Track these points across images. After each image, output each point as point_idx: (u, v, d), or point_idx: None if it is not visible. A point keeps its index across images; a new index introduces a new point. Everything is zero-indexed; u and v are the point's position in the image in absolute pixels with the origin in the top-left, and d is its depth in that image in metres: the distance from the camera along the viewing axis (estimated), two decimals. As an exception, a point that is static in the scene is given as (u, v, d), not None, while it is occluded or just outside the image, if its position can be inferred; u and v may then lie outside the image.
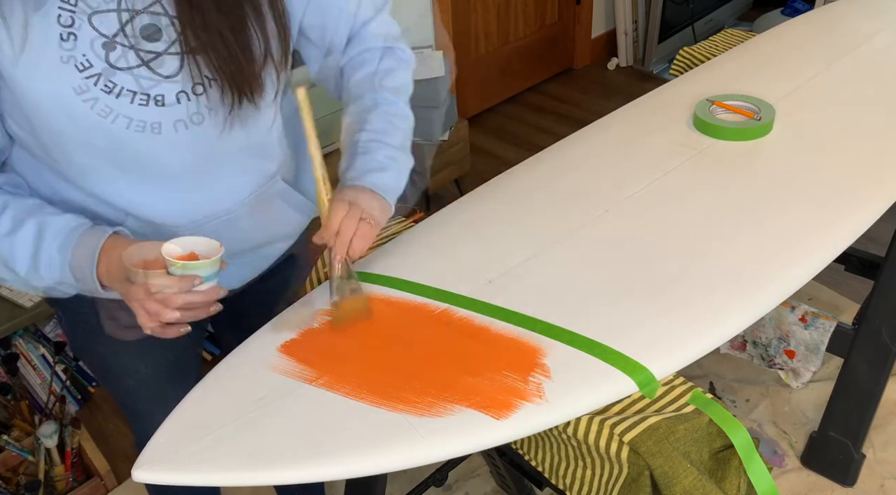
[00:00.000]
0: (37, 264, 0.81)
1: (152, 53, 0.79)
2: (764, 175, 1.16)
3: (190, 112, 0.83)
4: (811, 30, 1.66)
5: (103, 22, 0.77)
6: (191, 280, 0.76)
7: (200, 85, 0.82)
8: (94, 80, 0.77)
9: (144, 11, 0.78)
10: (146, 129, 0.81)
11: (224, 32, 0.79)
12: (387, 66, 1.01)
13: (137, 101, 0.80)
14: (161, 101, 0.81)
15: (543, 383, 0.81)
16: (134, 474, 0.75)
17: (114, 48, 0.77)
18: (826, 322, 1.56)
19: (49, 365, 1.92)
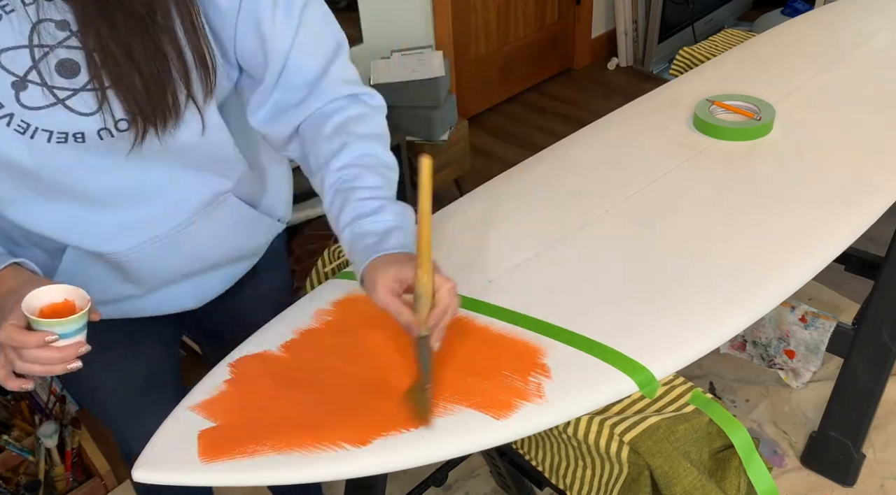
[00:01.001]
0: None
1: (68, 90, 0.75)
2: (764, 175, 1.16)
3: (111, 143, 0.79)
4: (811, 30, 1.66)
5: (13, 60, 0.72)
6: (42, 336, 0.71)
7: (123, 120, 0.78)
8: (6, 120, 0.74)
9: (59, 46, 0.73)
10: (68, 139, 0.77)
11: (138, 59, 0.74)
12: (356, 112, 0.90)
13: (55, 139, 0.76)
14: (81, 138, 0.77)
15: (543, 383, 0.81)
16: (134, 474, 0.75)
17: (24, 87, 0.73)
18: (826, 322, 1.56)
19: (49, 365, 1.92)
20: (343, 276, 1.05)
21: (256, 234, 1.03)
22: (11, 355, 0.73)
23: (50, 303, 0.73)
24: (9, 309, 0.73)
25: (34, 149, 0.76)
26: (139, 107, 0.76)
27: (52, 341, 0.72)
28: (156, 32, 0.74)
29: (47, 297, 0.73)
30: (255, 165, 0.98)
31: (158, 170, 0.85)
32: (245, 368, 0.88)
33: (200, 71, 0.79)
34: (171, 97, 0.77)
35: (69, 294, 0.74)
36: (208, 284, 1.03)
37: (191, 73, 0.78)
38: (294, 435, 0.77)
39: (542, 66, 3.46)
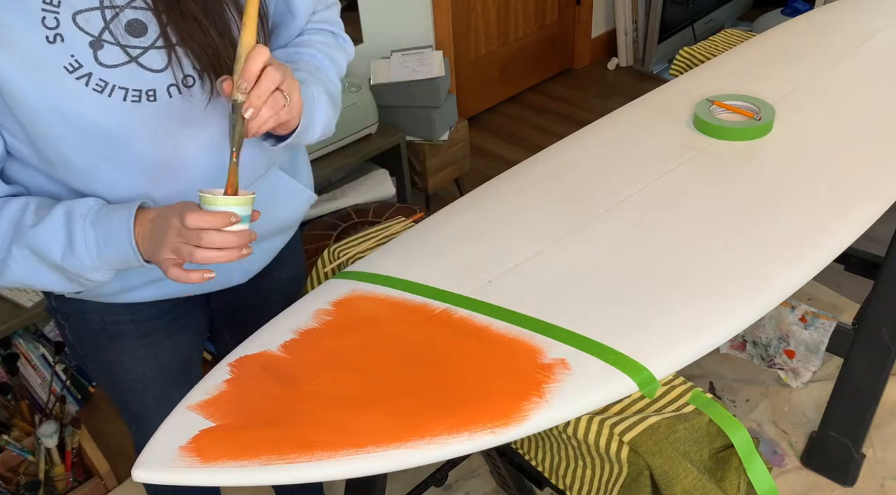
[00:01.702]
0: (73, 245, 0.81)
1: (139, 48, 0.79)
2: (764, 175, 1.16)
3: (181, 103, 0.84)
4: (811, 30, 1.66)
5: (88, 21, 0.76)
6: (227, 216, 0.76)
7: (190, 76, 0.83)
8: (84, 80, 0.78)
9: (127, 7, 0.78)
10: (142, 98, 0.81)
11: (201, 20, 0.79)
12: (328, 40, 1.02)
13: (130, 97, 0.80)
14: (153, 95, 0.81)
15: (543, 383, 0.81)
16: (134, 474, 0.75)
17: (101, 47, 0.77)
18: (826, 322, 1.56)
19: (49, 365, 1.92)
20: (343, 276, 1.05)
21: (295, 205, 1.07)
22: (188, 248, 0.76)
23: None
24: (171, 214, 0.77)
25: (111, 108, 0.80)
26: (207, 59, 0.81)
27: (236, 221, 0.76)
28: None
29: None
30: None
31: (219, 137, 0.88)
32: (245, 368, 0.88)
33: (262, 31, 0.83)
34: (234, 48, 0.80)
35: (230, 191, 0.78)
36: (255, 258, 1.05)
37: None
38: (294, 435, 0.77)
39: (542, 66, 3.46)
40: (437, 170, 2.52)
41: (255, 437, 0.77)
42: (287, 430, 0.78)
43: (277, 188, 1.01)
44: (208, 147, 0.89)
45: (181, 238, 0.76)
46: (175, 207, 0.79)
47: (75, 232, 0.81)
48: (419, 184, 2.55)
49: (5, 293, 1.76)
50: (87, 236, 0.81)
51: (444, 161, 2.52)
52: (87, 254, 0.81)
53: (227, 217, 0.76)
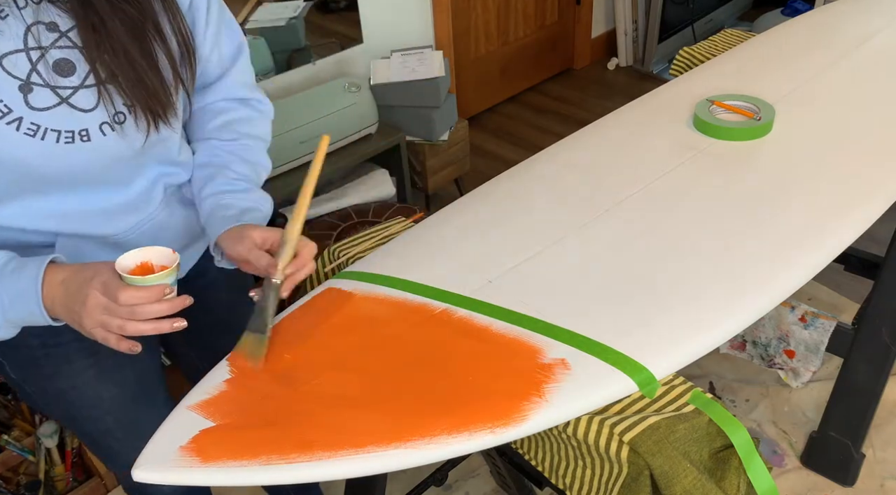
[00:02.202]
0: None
1: (69, 89, 0.78)
2: (764, 175, 1.16)
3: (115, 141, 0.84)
4: (811, 30, 1.66)
5: (15, 64, 0.75)
6: (161, 289, 0.75)
7: (121, 113, 0.82)
8: (15, 125, 0.76)
9: (52, 47, 0.77)
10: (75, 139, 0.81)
11: (131, 57, 0.79)
12: (245, 114, 1.02)
13: (63, 139, 0.80)
14: (86, 135, 0.81)
15: (543, 383, 0.81)
16: (134, 474, 0.75)
17: (31, 90, 0.76)
18: (826, 322, 1.56)
19: (49, 365, 1.92)
20: (343, 276, 1.05)
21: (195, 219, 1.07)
22: (117, 322, 0.75)
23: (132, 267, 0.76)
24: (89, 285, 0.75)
25: (45, 151, 0.79)
26: (137, 93, 0.81)
27: (169, 293, 0.75)
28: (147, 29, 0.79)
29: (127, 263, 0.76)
30: None
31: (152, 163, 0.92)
32: (244, 368, 0.88)
33: (185, 60, 0.86)
34: (164, 85, 0.83)
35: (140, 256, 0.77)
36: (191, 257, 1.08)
37: (178, 63, 0.85)
38: (294, 435, 0.77)
39: (542, 66, 3.46)
40: (437, 170, 2.52)
41: (255, 437, 0.77)
42: (287, 430, 0.78)
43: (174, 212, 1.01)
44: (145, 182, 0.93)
45: (108, 313, 0.75)
46: (87, 274, 0.76)
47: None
48: (419, 184, 2.55)
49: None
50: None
51: (444, 161, 2.52)
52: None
53: (160, 290, 0.75)
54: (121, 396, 1.08)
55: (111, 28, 0.76)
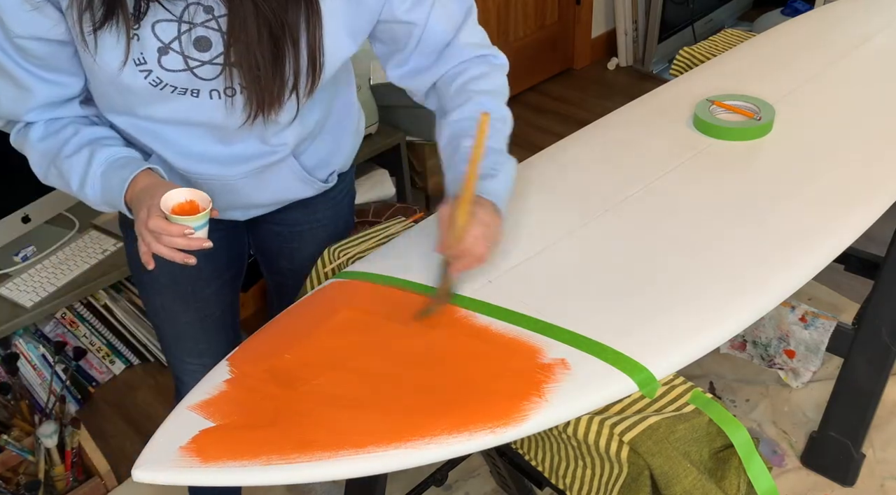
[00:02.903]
0: (83, 184, 0.97)
1: (198, 61, 0.91)
2: (764, 175, 1.16)
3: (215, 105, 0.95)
4: (811, 30, 1.66)
5: (164, 30, 0.88)
6: (181, 229, 0.88)
7: (231, 88, 0.93)
8: (144, 74, 0.91)
9: (200, 25, 0.89)
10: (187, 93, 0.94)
11: (260, 58, 0.89)
12: (479, 71, 1.07)
13: (178, 92, 0.93)
14: (196, 93, 0.93)
15: (543, 383, 0.81)
16: (134, 474, 0.75)
17: (166, 53, 0.90)
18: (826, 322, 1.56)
19: (49, 365, 1.92)
20: (343, 276, 1.05)
21: (303, 190, 1.17)
22: (149, 238, 0.90)
23: (178, 202, 0.91)
24: (146, 203, 0.90)
25: (158, 95, 0.94)
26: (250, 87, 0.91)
27: (189, 233, 0.89)
28: (283, 37, 0.88)
29: (176, 198, 0.90)
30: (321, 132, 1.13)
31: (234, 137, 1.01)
32: (245, 368, 0.88)
33: (309, 75, 0.94)
34: (278, 89, 0.92)
35: (192, 195, 0.91)
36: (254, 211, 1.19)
37: (300, 75, 0.93)
38: (294, 435, 0.77)
39: (542, 66, 3.46)
40: (437, 170, 2.52)
41: (255, 437, 0.77)
42: (287, 430, 0.78)
43: (280, 173, 1.10)
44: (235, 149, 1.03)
45: (145, 229, 0.90)
46: (151, 192, 0.91)
47: (87, 175, 0.97)
48: (419, 184, 2.54)
49: (5, 293, 1.76)
50: (94, 182, 0.97)
51: (444, 161, 2.52)
52: (93, 194, 0.98)
53: (180, 229, 0.89)
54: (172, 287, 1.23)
55: (251, 27, 0.86)
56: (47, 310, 1.75)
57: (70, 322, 2.03)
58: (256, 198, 1.14)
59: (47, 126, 1.00)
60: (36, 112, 0.98)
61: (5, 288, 1.77)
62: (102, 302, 2.05)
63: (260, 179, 1.09)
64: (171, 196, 0.90)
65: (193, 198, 0.91)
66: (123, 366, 2.13)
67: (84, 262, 1.84)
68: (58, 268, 1.82)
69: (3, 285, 1.77)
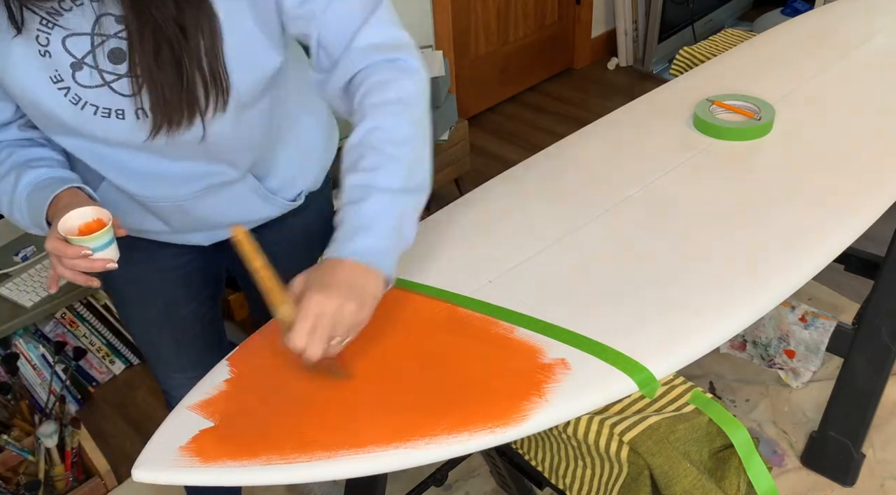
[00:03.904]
0: (11, 207, 0.95)
1: (114, 75, 0.86)
2: (764, 175, 1.16)
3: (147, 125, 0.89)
4: (811, 30, 1.66)
5: (76, 44, 0.84)
6: (78, 250, 0.86)
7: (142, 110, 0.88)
8: (64, 92, 0.86)
9: (114, 36, 0.84)
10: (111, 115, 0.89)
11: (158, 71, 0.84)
12: (381, 78, 0.90)
13: (100, 113, 0.88)
14: (122, 115, 0.89)
15: (543, 383, 0.81)
16: (134, 474, 0.75)
17: (80, 68, 0.85)
18: (826, 322, 1.56)
19: (49, 364, 1.92)
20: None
21: (267, 209, 1.10)
22: (53, 261, 0.88)
23: (84, 222, 0.88)
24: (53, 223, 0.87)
25: (83, 118, 0.89)
26: (158, 105, 0.86)
27: (87, 255, 0.86)
28: (180, 49, 0.83)
29: (80, 218, 0.88)
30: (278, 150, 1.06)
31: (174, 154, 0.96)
32: (244, 368, 0.88)
33: (212, 91, 0.87)
34: (183, 103, 0.86)
35: (97, 214, 0.88)
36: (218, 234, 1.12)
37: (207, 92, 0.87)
38: (294, 435, 0.77)
39: (542, 66, 3.46)
40: (436, 170, 2.52)
41: (255, 437, 0.77)
42: (287, 430, 0.78)
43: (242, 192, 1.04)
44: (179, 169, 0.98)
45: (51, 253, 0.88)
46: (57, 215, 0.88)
47: (14, 199, 0.94)
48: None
49: (5, 293, 1.76)
50: (21, 206, 0.94)
51: (444, 161, 2.52)
52: (21, 219, 0.95)
53: (78, 251, 0.86)
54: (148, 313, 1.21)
55: (147, 38, 0.82)
56: (47, 310, 1.75)
57: (70, 322, 2.03)
58: (216, 220, 1.07)
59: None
60: None
61: (5, 288, 1.77)
62: (102, 302, 2.05)
63: (217, 199, 1.03)
64: (72, 216, 0.87)
65: (99, 216, 0.88)
66: (123, 366, 2.13)
67: (84, 262, 1.84)
68: (58, 268, 1.82)
69: (3, 285, 1.77)
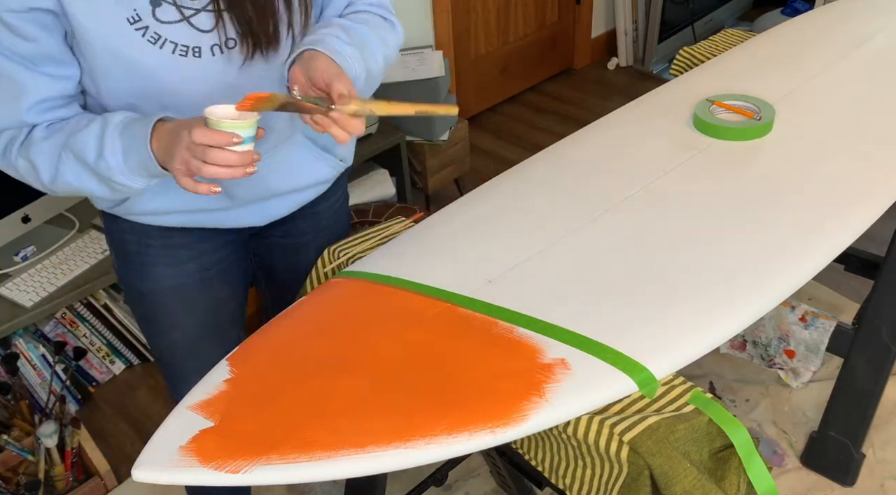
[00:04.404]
0: (102, 150, 0.90)
1: (192, 10, 0.90)
2: (764, 175, 1.16)
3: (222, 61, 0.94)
4: (811, 30, 1.66)
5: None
6: (230, 137, 0.81)
7: (232, 39, 0.93)
8: (142, 32, 0.89)
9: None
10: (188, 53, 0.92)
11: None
12: (377, 22, 1.06)
13: (178, 51, 0.92)
14: (199, 52, 0.92)
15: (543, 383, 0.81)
16: (134, 474, 0.75)
17: (159, 4, 0.89)
18: (826, 322, 1.56)
19: (49, 364, 1.92)
20: (344, 274, 1.05)
21: (317, 168, 1.15)
22: (196, 162, 0.83)
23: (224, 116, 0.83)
24: (183, 128, 0.84)
25: (161, 58, 0.91)
26: (247, 29, 0.92)
27: (238, 142, 0.82)
28: None
29: (220, 112, 0.83)
30: None
31: None
32: (244, 368, 0.88)
33: (301, 7, 0.95)
34: (273, 26, 0.93)
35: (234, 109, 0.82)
36: (273, 206, 1.15)
37: (293, 9, 0.94)
38: (294, 435, 0.77)
39: (542, 66, 3.46)
40: (437, 170, 2.52)
41: (255, 437, 0.77)
42: (287, 430, 0.78)
43: (297, 152, 1.10)
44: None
45: (189, 151, 0.83)
46: (188, 121, 0.85)
47: (105, 138, 0.91)
48: (419, 184, 2.55)
49: (5, 293, 1.76)
50: (114, 143, 0.90)
51: (444, 161, 2.52)
52: (113, 159, 0.90)
53: (229, 137, 0.81)
54: (193, 318, 1.19)
55: None
56: (47, 310, 1.75)
57: (70, 322, 2.03)
58: (277, 185, 1.11)
59: (51, 125, 0.94)
60: (35, 111, 0.92)
61: (5, 288, 1.77)
62: (102, 302, 2.05)
63: (279, 160, 1.08)
64: (214, 109, 0.83)
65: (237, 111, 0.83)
66: (123, 366, 2.13)
67: (84, 262, 1.84)
68: (58, 267, 1.82)
69: (3, 285, 1.77)
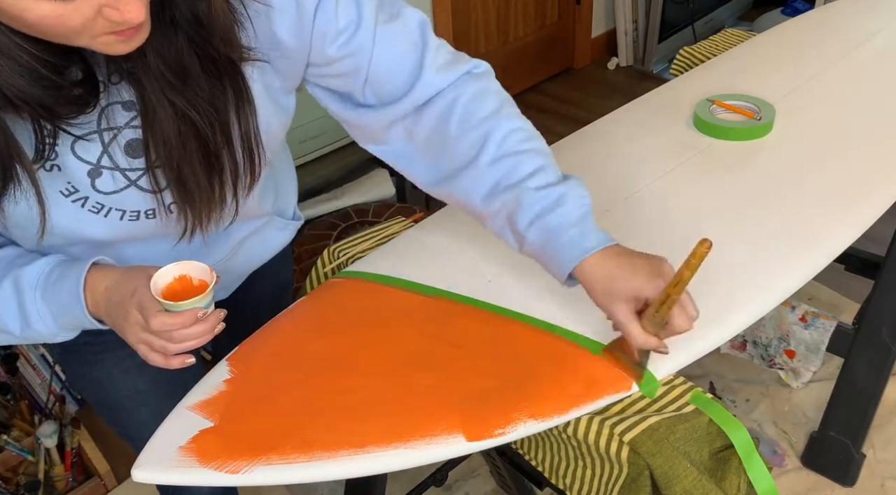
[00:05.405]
0: (28, 320, 0.77)
1: (138, 170, 0.75)
2: (764, 175, 1.16)
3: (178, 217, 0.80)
4: (811, 30, 1.66)
5: (87, 149, 0.72)
6: (194, 314, 0.72)
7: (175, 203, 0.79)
8: (80, 202, 0.75)
9: (127, 126, 0.73)
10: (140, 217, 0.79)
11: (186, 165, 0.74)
12: (471, 93, 0.84)
13: (128, 217, 0.78)
14: (152, 214, 0.79)
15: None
16: (134, 474, 0.75)
17: (99, 174, 0.74)
18: (826, 322, 1.56)
19: (49, 365, 1.92)
20: (344, 274, 1.05)
21: (281, 237, 1.10)
22: (159, 343, 0.73)
23: (166, 285, 0.73)
24: (126, 305, 0.72)
25: (108, 225, 0.78)
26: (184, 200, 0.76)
27: (203, 317, 0.73)
28: (215, 142, 0.73)
29: (163, 282, 0.73)
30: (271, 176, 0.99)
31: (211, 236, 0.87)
32: (244, 368, 0.88)
33: (247, 171, 0.79)
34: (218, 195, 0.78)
35: (179, 270, 0.74)
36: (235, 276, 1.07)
37: (239, 174, 0.78)
38: (294, 435, 0.77)
39: (542, 65, 3.46)
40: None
41: (255, 437, 0.77)
42: (287, 430, 0.78)
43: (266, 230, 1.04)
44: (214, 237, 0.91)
45: (149, 334, 0.73)
46: (129, 287, 0.73)
47: (27, 306, 0.77)
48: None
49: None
50: (39, 309, 0.77)
51: (444, 161, 2.52)
52: (44, 327, 0.78)
53: (193, 315, 0.72)
54: (157, 389, 1.06)
55: (167, 127, 0.70)
56: (47, 310, 1.74)
57: (70, 322, 2.03)
58: (253, 264, 1.06)
59: None
60: None
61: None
62: (102, 302, 2.05)
63: (255, 243, 1.02)
64: (156, 282, 0.72)
65: (183, 272, 0.74)
66: (123, 366, 2.13)
67: (84, 262, 1.83)
68: (58, 268, 1.82)
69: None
